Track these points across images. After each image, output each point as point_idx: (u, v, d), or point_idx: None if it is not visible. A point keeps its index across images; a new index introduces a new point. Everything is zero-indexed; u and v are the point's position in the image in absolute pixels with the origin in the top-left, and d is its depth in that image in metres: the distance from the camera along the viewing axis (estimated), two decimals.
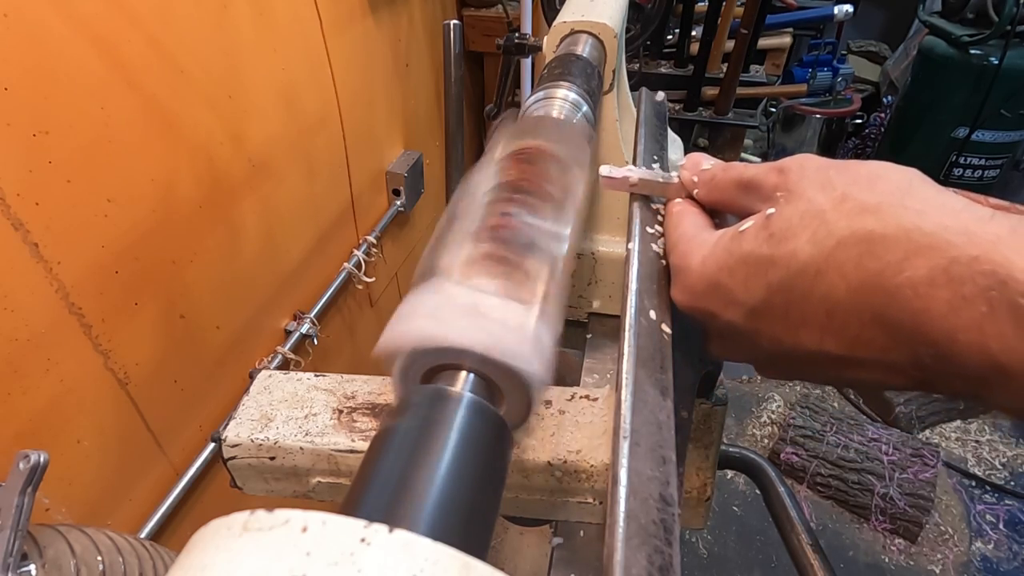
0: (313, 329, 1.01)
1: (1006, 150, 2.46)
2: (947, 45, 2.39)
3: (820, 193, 0.27)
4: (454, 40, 1.04)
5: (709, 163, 0.36)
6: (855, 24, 3.29)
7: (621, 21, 0.60)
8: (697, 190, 0.35)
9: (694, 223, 0.34)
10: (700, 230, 0.33)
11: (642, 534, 0.23)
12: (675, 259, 0.33)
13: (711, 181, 0.34)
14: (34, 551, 0.38)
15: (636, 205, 0.39)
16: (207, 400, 0.83)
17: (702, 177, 0.35)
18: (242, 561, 0.15)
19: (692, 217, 0.34)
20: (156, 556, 0.45)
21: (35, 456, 0.36)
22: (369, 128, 1.19)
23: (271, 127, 0.88)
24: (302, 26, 0.93)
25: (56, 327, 0.59)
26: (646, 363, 0.31)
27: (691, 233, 0.33)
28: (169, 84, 0.69)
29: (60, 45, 0.56)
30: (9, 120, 0.52)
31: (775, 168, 0.30)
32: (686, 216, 0.35)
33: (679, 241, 0.33)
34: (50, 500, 0.60)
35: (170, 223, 0.71)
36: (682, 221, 0.34)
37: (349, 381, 0.43)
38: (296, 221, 0.99)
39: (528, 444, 0.38)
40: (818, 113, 3.06)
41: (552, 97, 0.46)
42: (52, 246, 0.57)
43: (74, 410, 0.62)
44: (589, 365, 0.60)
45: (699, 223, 0.34)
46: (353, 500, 0.20)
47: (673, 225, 0.35)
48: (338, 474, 0.40)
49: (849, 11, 2.09)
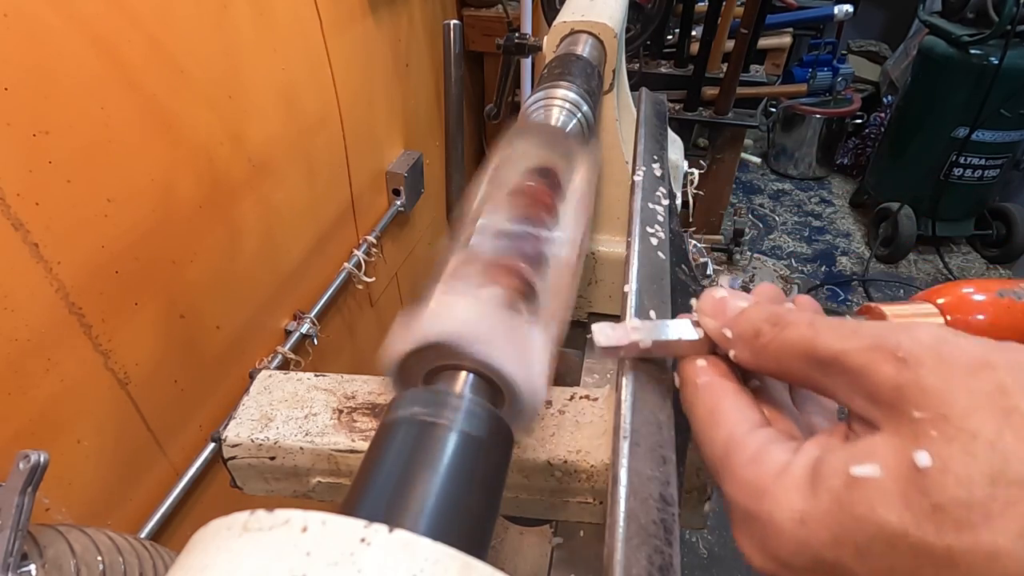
0: (313, 329, 1.01)
1: (1006, 150, 2.46)
2: (947, 45, 2.39)
3: (1002, 422, 0.17)
4: (454, 40, 1.04)
5: (740, 300, 0.26)
6: (855, 24, 3.29)
7: (621, 21, 0.60)
8: (735, 351, 0.25)
9: (741, 416, 0.24)
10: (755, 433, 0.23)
11: (642, 534, 0.23)
12: (735, 492, 0.22)
13: (757, 341, 0.24)
14: (34, 551, 0.38)
15: (636, 205, 0.39)
16: (207, 400, 0.83)
17: (740, 329, 0.25)
18: (242, 561, 0.15)
19: (732, 401, 0.25)
20: (156, 556, 0.45)
21: (35, 456, 0.36)
22: (369, 128, 1.19)
23: (271, 127, 0.88)
24: (302, 26, 0.93)
25: (56, 327, 0.59)
26: (646, 363, 0.31)
27: (746, 442, 0.23)
28: (169, 84, 0.69)
29: (60, 45, 0.56)
30: (9, 120, 0.52)
31: (886, 350, 0.20)
32: (724, 398, 0.25)
33: (730, 452, 0.23)
34: (50, 500, 0.60)
35: (170, 223, 0.71)
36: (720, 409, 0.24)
37: (349, 381, 0.43)
38: (296, 221, 0.99)
39: (528, 444, 0.38)
40: (818, 113, 3.06)
41: (552, 97, 0.46)
42: (52, 246, 0.57)
43: (74, 410, 0.62)
44: (589, 365, 0.60)
45: (748, 416, 0.24)
46: (353, 500, 0.20)
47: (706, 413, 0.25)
48: (338, 474, 0.40)
49: (849, 11, 2.09)
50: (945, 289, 0.28)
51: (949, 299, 0.27)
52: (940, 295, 0.27)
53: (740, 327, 0.25)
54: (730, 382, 0.25)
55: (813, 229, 2.99)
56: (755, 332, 0.24)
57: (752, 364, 0.25)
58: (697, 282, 0.43)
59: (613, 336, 0.28)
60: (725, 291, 0.27)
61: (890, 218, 2.64)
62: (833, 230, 2.99)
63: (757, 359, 0.24)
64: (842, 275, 2.68)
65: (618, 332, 0.28)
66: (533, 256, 0.31)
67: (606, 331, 0.28)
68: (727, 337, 0.25)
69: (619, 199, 0.64)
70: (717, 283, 0.28)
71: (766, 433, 0.23)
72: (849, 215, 3.08)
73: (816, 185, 3.33)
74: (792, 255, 2.81)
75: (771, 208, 3.15)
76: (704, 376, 0.26)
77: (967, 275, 2.67)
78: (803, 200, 3.22)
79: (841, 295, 2.58)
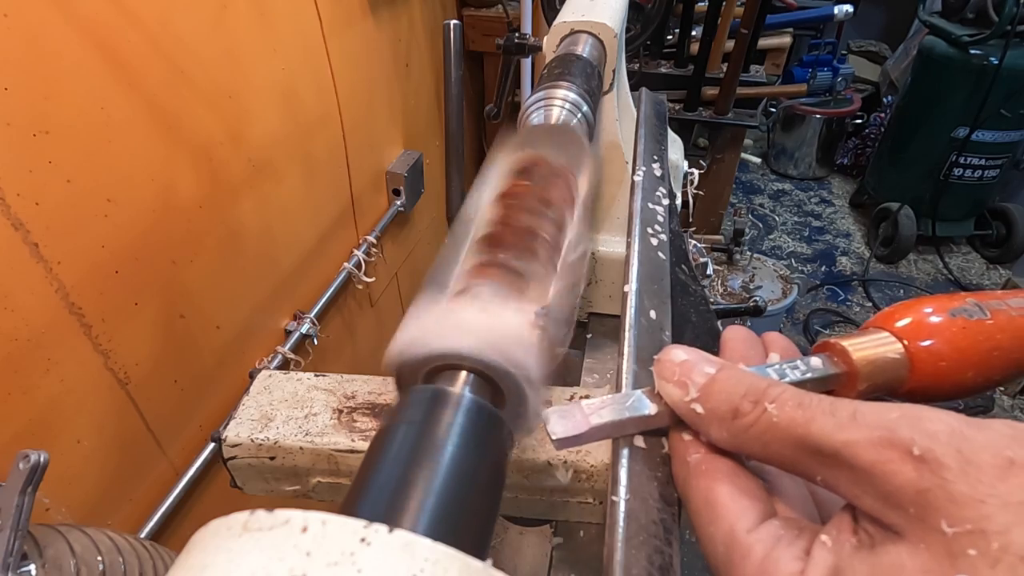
0: (313, 329, 1.01)
1: (1006, 150, 2.47)
2: (947, 45, 2.39)
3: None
4: (454, 40, 1.04)
5: (706, 364, 0.23)
6: (855, 24, 3.29)
7: (621, 21, 0.60)
8: (713, 431, 0.22)
9: (741, 508, 0.21)
10: (758, 532, 0.20)
11: (642, 534, 0.23)
12: None
13: (736, 423, 0.21)
14: (34, 551, 0.38)
15: (636, 205, 0.39)
16: (207, 400, 0.83)
17: (712, 405, 0.22)
18: (242, 561, 0.15)
19: (730, 487, 0.22)
20: (156, 556, 0.45)
21: (35, 456, 0.36)
22: (369, 128, 1.19)
23: (271, 127, 0.88)
24: (302, 26, 0.93)
25: (56, 327, 0.59)
26: (646, 363, 0.31)
27: (750, 544, 0.20)
28: (169, 84, 0.69)
29: (60, 45, 0.56)
30: (9, 120, 0.52)
31: (900, 447, 0.18)
32: (720, 483, 0.22)
33: (732, 557, 0.20)
34: (50, 500, 0.60)
35: (170, 223, 0.71)
36: (717, 500, 0.22)
37: (349, 381, 0.43)
38: (296, 221, 0.99)
39: (528, 444, 0.38)
40: (818, 113, 3.06)
41: (552, 97, 0.46)
42: (52, 246, 0.57)
43: (74, 410, 0.62)
44: (589, 365, 0.60)
45: (749, 508, 0.21)
46: (353, 500, 0.20)
47: (702, 503, 0.22)
48: (338, 474, 0.40)
49: (849, 11, 2.09)
50: (901, 311, 0.27)
51: (905, 323, 0.26)
52: (896, 318, 0.27)
53: (712, 403, 0.22)
54: (725, 459, 0.23)
55: (813, 229, 2.99)
56: (732, 411, 0.21)
57: (731, 447, 0.22)
58: (697, 282, 0.43)
59: (570, 426, 0.24)
60: (685, 353, 0.24)
61: (890, 218, 2.64)
62: (833, 230, 2.99)
63: (738, 442, 0.22)
64: (842, 275, 2.68)
65: (575, 419, 0.24)
66: (536, 256, 0.31)
67: (560, 421, 0.24)
68: (698, 414, 0.22)
69: (619, 199, 0.64)
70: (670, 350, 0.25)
71: (770, 530, 0.20)
72: (849, 215, 3.09)
73: (816, 185, 3.34)
74: (792, 255, 2.81)
75: (771, 208, 3.16)
76: (695, 453, 0.23)
77: (967, 275, 2.68)
78: (803, 200, 3.22)
79: (841, 295, 2.58)
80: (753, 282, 2.10)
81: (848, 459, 0.19)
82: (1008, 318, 0.26)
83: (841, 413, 0.20)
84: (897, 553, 0.17)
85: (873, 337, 0.27)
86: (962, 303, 0.26)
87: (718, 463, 0.23)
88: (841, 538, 0.19)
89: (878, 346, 0.26)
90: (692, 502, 0.23)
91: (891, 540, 0.18)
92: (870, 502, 0.19)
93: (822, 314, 2.46)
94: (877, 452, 0.18)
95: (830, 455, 0.19)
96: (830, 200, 3.21)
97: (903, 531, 0.18)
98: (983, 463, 0.17)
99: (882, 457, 0.18)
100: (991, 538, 0.16)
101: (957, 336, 0.26)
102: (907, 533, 0.18)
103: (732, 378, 0.22)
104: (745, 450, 0.22)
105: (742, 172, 3.37)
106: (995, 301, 0.27)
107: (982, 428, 0.18)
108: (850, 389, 0.26)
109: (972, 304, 0.26)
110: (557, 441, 0.24)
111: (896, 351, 0.26)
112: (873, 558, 0.18)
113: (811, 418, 0.20)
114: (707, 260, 0.97)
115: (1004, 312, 0.27)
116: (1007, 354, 0.26)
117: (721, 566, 0.21)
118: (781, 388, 0.21)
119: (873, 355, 0.26)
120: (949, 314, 0.26)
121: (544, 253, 0.32)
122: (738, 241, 2.09)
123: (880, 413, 0.19)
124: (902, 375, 0.26)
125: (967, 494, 0.16)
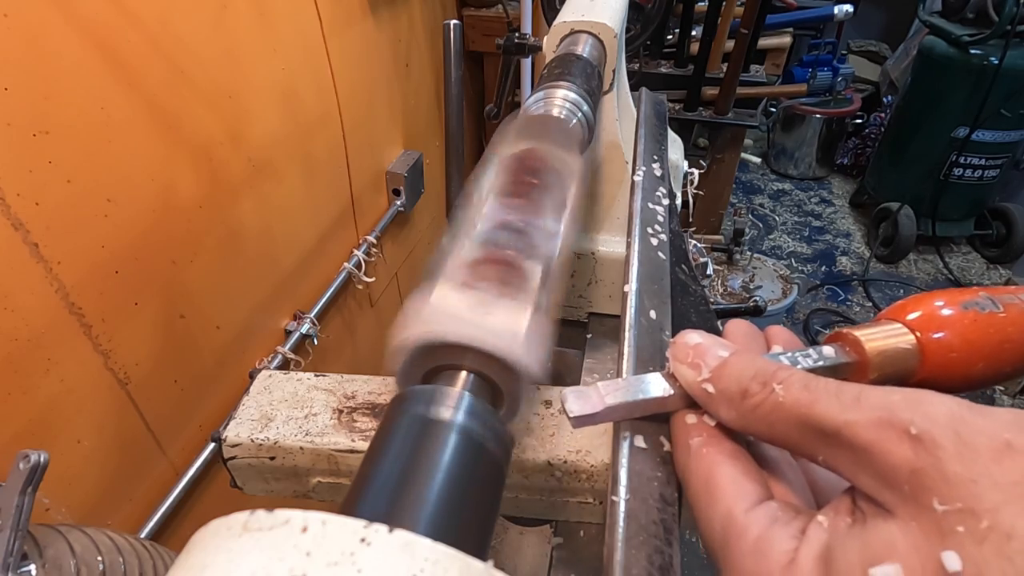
0: (313, 329, 1.01)
1: (1006, 150, 2.47)
2: (947, 45, 2.39)
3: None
4: (454, 40, 1.04)
5: (719, 348, 0.24)
6: (855, 24, 3.29)
7: (621, 21, 0.60)
8: (722, 411, 0.23)
9: (739, 490, 0.22)
10: (755, 512, 0.21)
11: (642, 534, 0.24)
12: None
13: (744, 403, 0.22)
14: (34, 551, 0.38)
15: (636, 205, 0.39)
16: (207, 400, 0.83)
17: (723, 386, 0.23)
18: (242, 561, 0.15)
19: (730, 469, 0.22)
20: (156, 556, 0.45)
21: (35, 456, 0.36)
22: (369, 128, 1.19)
23: (271, 127, 0.88)
24: (302, 26, 0.93)
25: (56, 327, 0.59)
26: (646, 363, 0.31)
27: (746, 524, 0.21)
28: (169, 84, 0.69)
29: (60, 45, 0.56)
30: (9, 120, 0.52)
31: (898, 427, 0.18)
32: (720, 466, 0.23)
33: (729, 537, 0.21)
34: (50, 500, 0.60)
35: (170, 223, 0.71)
36: (716, 481, 0.22)
37: (349, 381, 0.43)
38: (296, 221, 0.99)
39: (528, 444, 0.38)
40: (818, 113, 3.06)
41: (552, 97, 0.46)
42: (52, 246, 0.57)
43: (74, 410, 0.62)
44: (589, 365, 0.60)
45: (747, 489, 0.22)
46: (353, 500, 0.20)
47: (701, 485, 0.23)
48: (338, 474, 0.40)
49: (849, 11, 2.09)
50: (913, 304, 0.27)
51: (918, 315, 0.27)
52: (909, 310, 0.27)
53: (723, 384, 0.23)
54: (726, 443, 0.23)
55: (813, 229, 2.99)
56: (742, 392, 0.22)
57: (739, 426, 0.23)
58: (697, 282, 0.43)
59: (582, 399, 0.25)
60: (700, 337, 0.25)
61: (890, 218, 2.64)
62: (833, 230, 2.99)
63: (745, 422, 0.22)
64: (842, 275, 2.68)
65: (591, 399, 0.25)
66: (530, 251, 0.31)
67: (577, 401, 0.25)
68: (709, 393, 0.23)
69: (619, 199, 0.64)
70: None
71: (767, 512, 0.21)
72: (849, 215, 3.09)
73: (816, 185, 3.33)
74: (792, 255, 2.81)
75: (771, 208, 3.16)
76: (697, 436, 0.24)
77: (967, 275, 2.68)
78: (803, 200, 3.22)
79: (841, 295, 2.58)
80: (753, 282, 2.10)
81: (848, 438, 0.19)
82: (1020, 312, 0.27)
83: (845, 395, 0.20)
84: (888, 530, 0.18)
85: (885, 328, 0.27)
86: (974, 296, 0.27)
87: (719, 446, 0.23)
88: (837, 519, 0.20)
89: (890, 337, 0.26)
90: (692, 485, 0.23)
91: (883, 517, 0.18)
92: (866, 480, 0.19)
93: (822, 314, 2.46)
94: (876, 431, 0.18)
95: (832, 435, 0.20)
96: (830, 200, 3.21)
97: (896, 509, 0.18)
98: (979, 445, 0.17)
99: (880, 436, 0.18)
100: (981, 516, 0.16)
101: (968, 328, 0.26)
102: (900, 511, 0.18)
103: (743, 361, 0.23)
104: (751, 430, 0.23)
105: (742, 172, 3.37)
106: (1008, 295, 0.27)
107: (984, 414, 0.18)
108: (861, 378, 0.27)
109: (984, 298, 0.27)
110: (574, 419, 0.25)
111: (908, 342, 0.26)
112: (865, 535, 0.18)
113: (816, 399, 0.20)
114: (707, 260, 0.97)
115: (1017, 306, 0.27)
116: (1018, 347, 0.26)
117: (718, 546, 0.21)
118: (789, 371, 0.22)
119: (885, 345, 0.26)
120: (961, 307, 0.26)
121: (539, 250, 0.32)
122: (738, 241, 2.09)
123: (883, 395, 0.19)
124: (912, 366, 0.26)
125: (960, 474, 0.17)
